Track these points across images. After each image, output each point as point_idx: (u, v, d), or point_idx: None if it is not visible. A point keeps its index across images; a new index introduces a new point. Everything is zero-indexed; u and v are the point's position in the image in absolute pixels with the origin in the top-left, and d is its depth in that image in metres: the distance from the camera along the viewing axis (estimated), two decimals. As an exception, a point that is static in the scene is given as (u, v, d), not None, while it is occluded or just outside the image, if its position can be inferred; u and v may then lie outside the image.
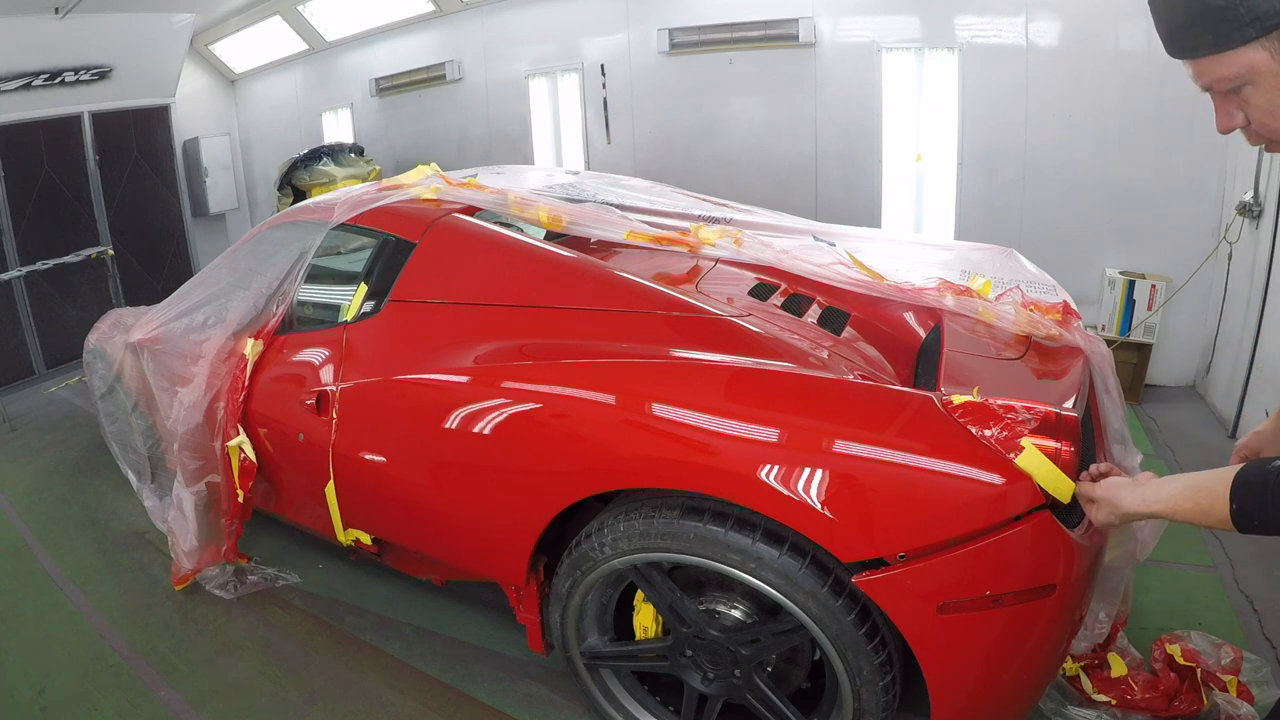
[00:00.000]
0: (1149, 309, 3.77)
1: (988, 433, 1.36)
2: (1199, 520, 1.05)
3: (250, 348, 2.39)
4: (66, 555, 2.93)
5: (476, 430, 1.81)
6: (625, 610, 1.86)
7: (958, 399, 1.40)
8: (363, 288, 2.25)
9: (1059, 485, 1.31)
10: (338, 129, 7.17)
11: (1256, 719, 1.77)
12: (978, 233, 3.97)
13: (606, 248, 2.36)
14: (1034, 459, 1.31)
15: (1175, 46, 0.93)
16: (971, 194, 4.42)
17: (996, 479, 1.33)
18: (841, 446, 1.43)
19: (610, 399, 1.66)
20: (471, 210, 2.32)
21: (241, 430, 2.38)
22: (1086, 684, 1.88)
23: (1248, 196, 3.33)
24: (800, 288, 2.10)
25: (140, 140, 6.12)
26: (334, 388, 2.15)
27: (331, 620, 2.45)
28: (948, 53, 4.29)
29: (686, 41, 5.01)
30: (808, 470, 1.42)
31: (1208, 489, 1.03)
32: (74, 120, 5.58)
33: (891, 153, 4.60)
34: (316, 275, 2.49)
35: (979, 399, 1.38)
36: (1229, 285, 3.57)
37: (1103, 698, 1.86)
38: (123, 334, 3.04)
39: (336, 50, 6.84)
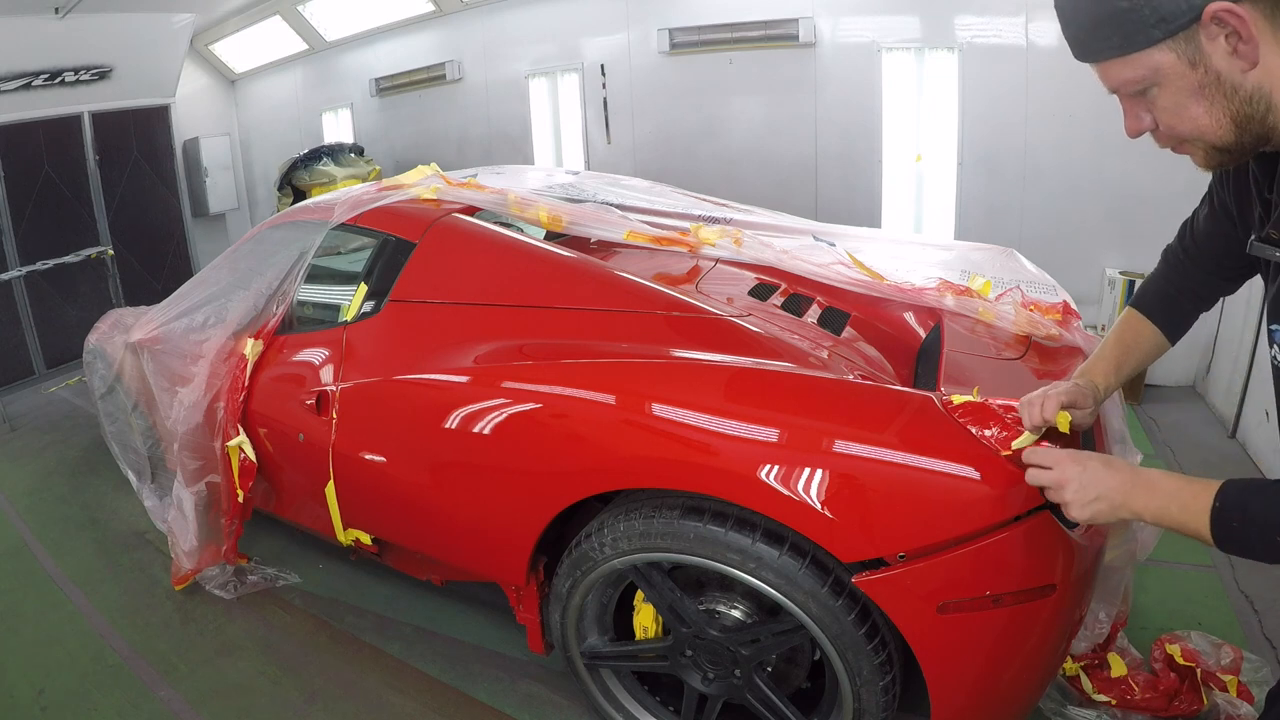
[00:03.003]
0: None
1: (988, 433, 1.36)
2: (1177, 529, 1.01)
3: (250, 348, 2.39)
4: (66, 555, 2.93)
5: (476, 430, 1.81)
6: (625, 610, 1.86)
7: (958, 399, 1.40)
8: (363, 288, 2.25)
9: None
10: (338, 129, 7.17)
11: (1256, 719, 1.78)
12: (978, 233, 3.97)
13: (606, 248, 2.36)
14: (1027, 443, 1.30)
15: (1081, 50, 0.92)
16: (971, 194, 4.42)
17: (996, 479, 1.33)
18: (841, 446, 1.43)
19: (610, 399, 1.66)
20: (471, 210, 2.32)
21: (241, 430, 2.38)
22: (1086, 684, 1.88)
23: (1248, 196, 3.32)
24: (800, 288, 2.10)
25: (140, 140, 6.12)
26: (334, 388, 2.15)
27: (331, 620, 2.45)
28: (948, 53, 4.29)
29: (686, 41, 5.01)
30: (808, 470, 1.42)
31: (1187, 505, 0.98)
32: (74, 120, 5.58)
33: (891, 153, 4.61)
34: (316, 275, 2.49)
35: (979, 399, 1.38)
36: (1229, 285, 3.56)
37: (1103, 698, 1.86)
38: (123, 334, 3.04)
39: (336, 50, 6.84)
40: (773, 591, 1.50)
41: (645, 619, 1.80)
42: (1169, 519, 1.00)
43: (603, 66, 5.41)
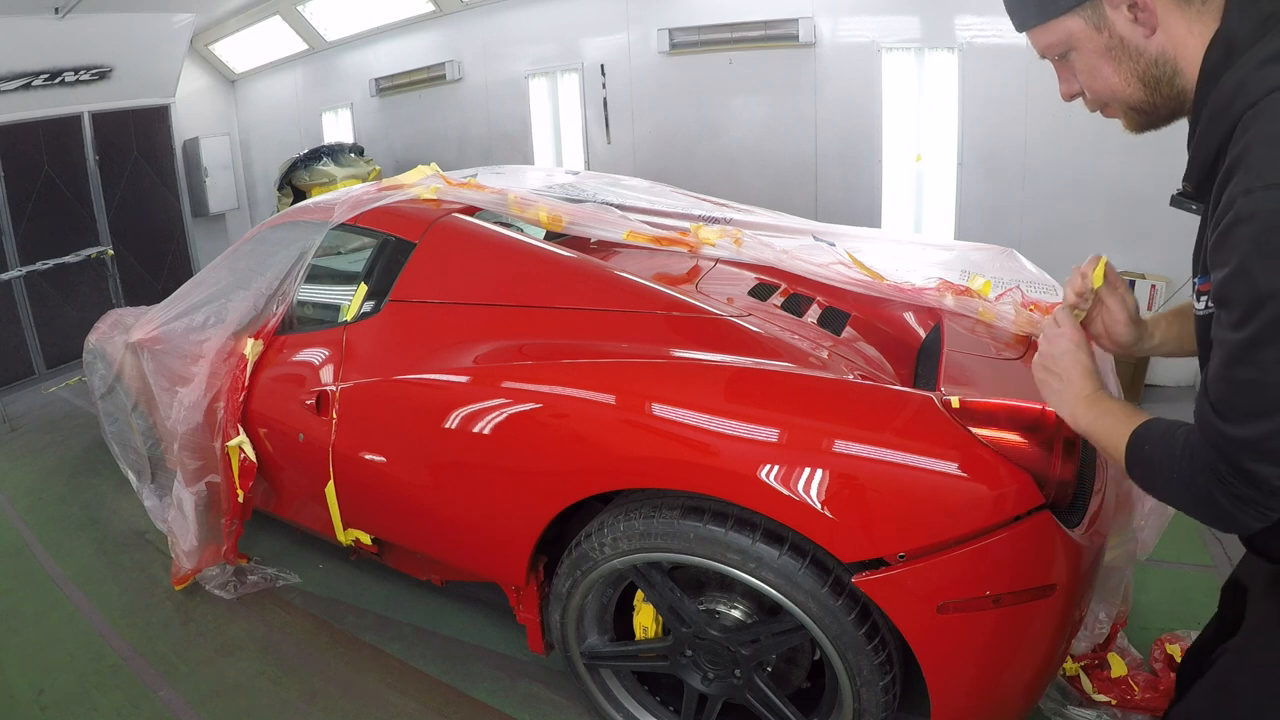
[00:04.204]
0: (1149, 309, 3.77)
1: (987, 433, 1.36)
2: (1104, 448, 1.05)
3: (250, 348, 2.39)
4: (66, 555, 2.93)
5: (476, 430, 1.81)
6: (625, 610, 1.86)
7: (957, 400, 1.40)
8: (363, 288, 2.25)
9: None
10: (338, 129, 7.17)
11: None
12: (978, 233, 3.97)
13: (606, 248, 2.36)
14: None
15: (1014, 19, 1.04)
16: (971, 194, 4.41)
17: (996, 479, 1.33)
18: (841, 446, 1.43)
19: (610, 399, 1.66)
20: (471, 210, 2.32)
21: (241, 430, 2.38)
22: (1086, 684, 1.88)
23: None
24: (800, 288, 2.09)
25: (140, 140, 6.12)
26: (334, 388, 2.15)
27: (331, 620, 2.45)
28: (948, 53, 4.29)
29: (686, 41, 5.01)
30: (808, 470, 1.42)
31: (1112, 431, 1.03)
32: (74, 120, 5.58)
33: (891, 153, 4.60)
34: (316, 275, 2.49)
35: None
36: (1229, 285, 3.56)
37: (1103, 698, 1.86)
38: (123, 334, 3.04)
39: (336, 50, 6.84)
40: (773, 591, 1.50)
41: (645, 619, 1.80)
42: (1097, 432, 1.05)
43: (603, 66, 5.41)
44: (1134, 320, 1.24)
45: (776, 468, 1.44)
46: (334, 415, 2.13)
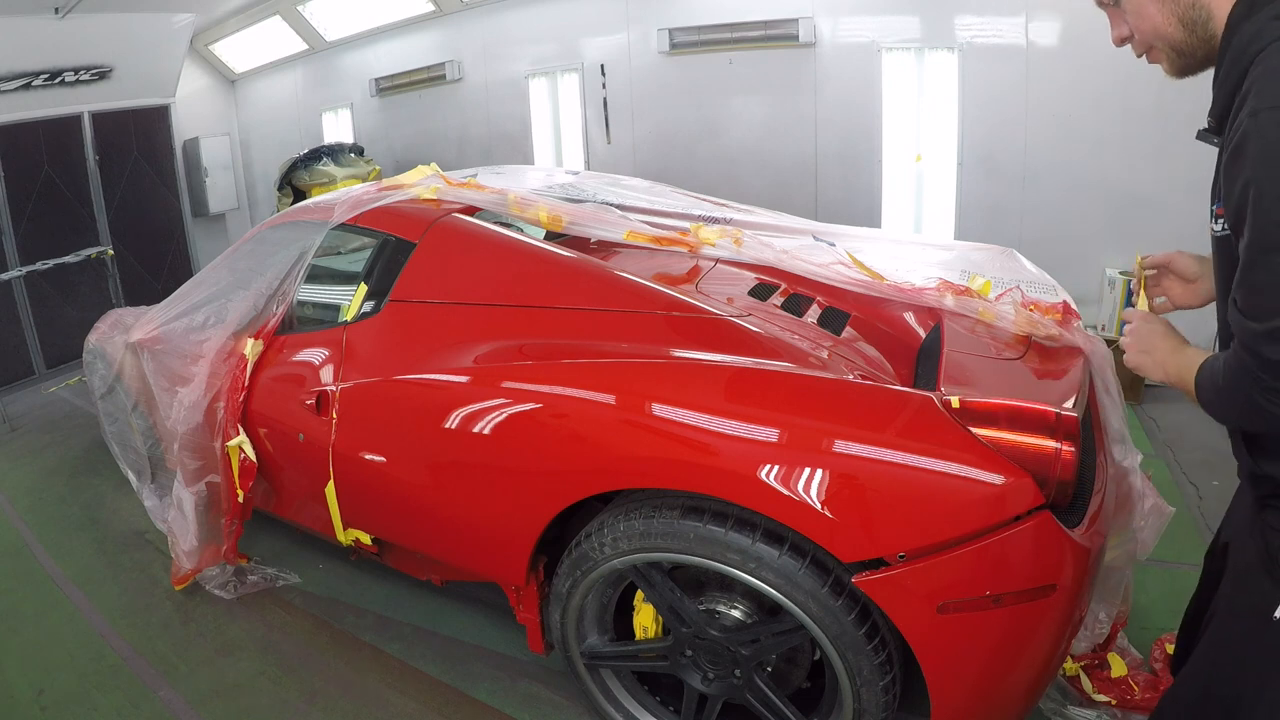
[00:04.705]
0: (1149, 309, 3.76)
1: (987, 433, 1.35)
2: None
3: (250, 348, 2.39)
4: (66, 555, 2.93)
5: (476, 430, 1.81)
6: (625, 610, 1.86)
7: (957, 400, 1.40)
8: (363, 288, 2.25)
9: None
10: (338, 129, 7.17)
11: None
12: (978, 233, 3.97)
13: (606, 248, 2.36)
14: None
15: None
16: (971, 194, 4.42)
17: (997, 479, 1.34)
18: (841, 446, 1.43)
19: (610, 399, 1.66)
20: (471, 210, 2.32)
21: (241, 430, 2.38)
22: (1086, 684, 1.88)
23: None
24: (800, 288, 2.09)
25: (140, 140, 6.12)
26: (334, 388, 2.15)
27: (331, 620, 2.45)
28: (948, 53, 4.29)
29: (686, 41, 5.01)
30: (808, 470, 1.42)
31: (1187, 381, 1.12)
32: (74, 120, 5.58)
33: (891, 153, 4.60)
34: (316, 275, 2.49)
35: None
36: (1229, 285, 3.55)
37: (1103, 698, 1.86)
38: (123, 334, 3.04)
39: (336, 50, 6.84)
40: (773, 592, 1.50)
41: (645, 619, 1.80)
42: (1181, 380, 1.14)
43: (603, 66, 5.41)
44: (1185, 254, 1.38)
45: (776, 468, 1.44)
46: (334, 415, 2.13)
